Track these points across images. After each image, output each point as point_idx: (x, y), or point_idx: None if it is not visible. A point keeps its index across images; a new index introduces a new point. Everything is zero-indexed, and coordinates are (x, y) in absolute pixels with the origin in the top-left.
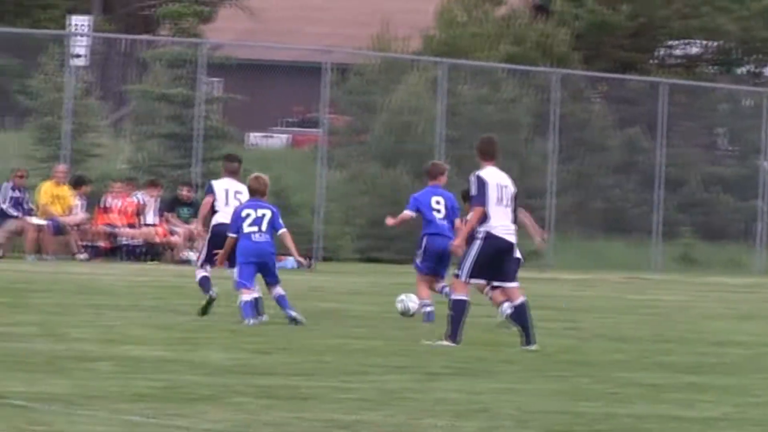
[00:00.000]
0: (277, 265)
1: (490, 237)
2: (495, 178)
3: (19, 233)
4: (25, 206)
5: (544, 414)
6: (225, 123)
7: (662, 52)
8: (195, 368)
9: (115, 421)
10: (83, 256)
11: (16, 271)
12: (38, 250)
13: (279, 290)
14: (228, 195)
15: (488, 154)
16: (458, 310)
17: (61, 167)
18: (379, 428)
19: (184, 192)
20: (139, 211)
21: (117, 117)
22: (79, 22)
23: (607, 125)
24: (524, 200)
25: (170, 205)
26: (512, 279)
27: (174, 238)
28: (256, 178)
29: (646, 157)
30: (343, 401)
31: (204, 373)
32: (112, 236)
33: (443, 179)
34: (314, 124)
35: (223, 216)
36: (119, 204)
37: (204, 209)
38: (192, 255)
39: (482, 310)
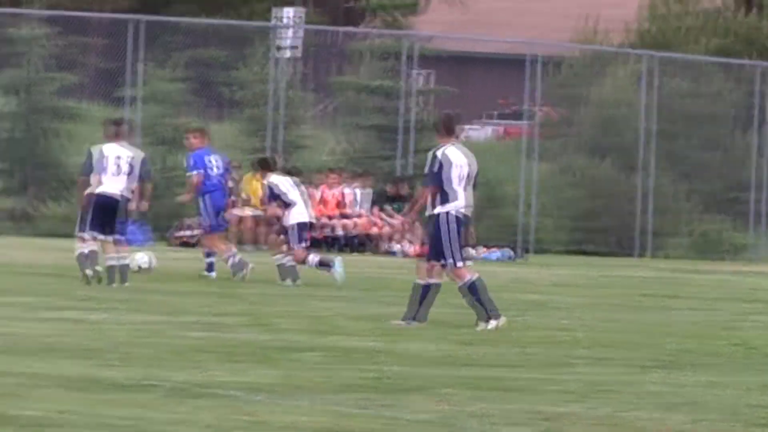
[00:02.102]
0: (482, 256)
1: (457, 217)
2: (459, 158)
3: (237, 224)
4: (234, 197)
5: (750, 408)
6: (433, 115)
7: None
8: (402, 359)
9: (323, 412)
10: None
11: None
12: (241, 240)
13: None
14: (109, 161)
15: (448, 130)
16: (477, 290)
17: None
18: (583, 420)
19: (388, 188)
20: (348, 202)
21: (326, 109)
22: (287, 14)
23: None
24: (728, 193)
25: (382, 199)
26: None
27: (383, 230)
28: None
29: None
30: (548, 393)
31: (411, 364)
32: (321, 227)
33: None
34: (521, 116)
35: (106, 185)
36: (328, 195)
37: (83, 182)
38: (396, 247)
39: (684, 303)
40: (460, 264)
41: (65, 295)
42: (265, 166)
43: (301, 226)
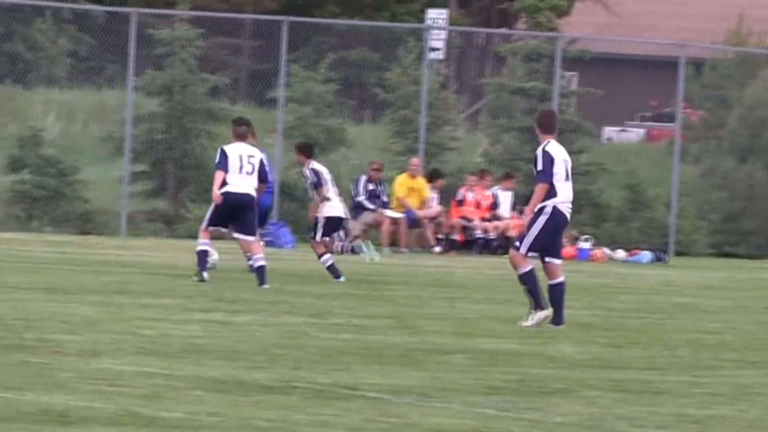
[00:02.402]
0: (632, 259)
1: (556, 212)
2: (561, 154)
3: (375, 226)
4: (381, 199)
5: None
6: (581, 117)
7: None
8: (547, 362)
9: (469, 414)
10: (438, 248)
11: (371, 264)
12: (393, 242)
13: None
14: (242, 160)
15: (549, 127)
16: (530, 280)
17: (416, 160)
18: (732, 423)
19: None
20: (494, 204)
21: (473, 110)
22: (436, 15)
23: None
24: None
25: (527, 200)
26: (560, 256)
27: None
28: None
29: None
30: (696, 396)
31: (556, 366)
32: (466, 229)
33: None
34: (669, 118)
35: (235, 184)
36: (474, 197)
37: (219, 179)
38: None
39: None
40: (523, 251)
41: (207, 296)
42: (306, 151)
43: (333, 221)
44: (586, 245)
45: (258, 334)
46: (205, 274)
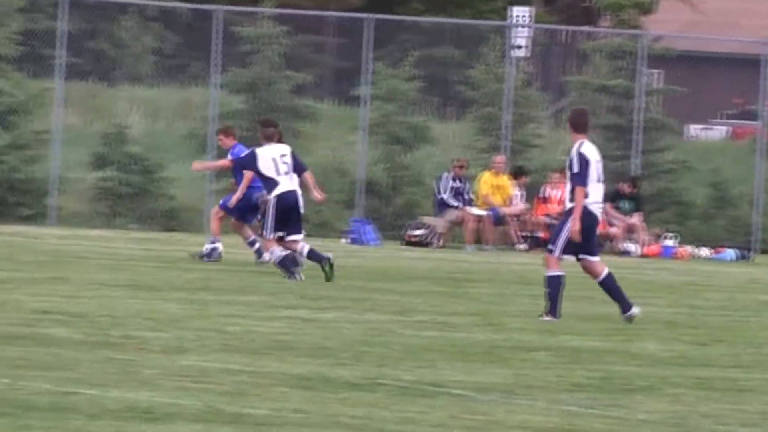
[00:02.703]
0: (716, 256)
1: (587, 213)
2: (594, 155)
3: (459, 223)
4: (465, 196)
5: None
6: (665, 115)
7: None
8: (631, 359)
9: (554, 411)
10: (522, 246)
11: (455, 261)
12: (478, 240)
13: None
14: (277, 162)
15: (582, 127)
16: (555, 285)
17: (500, 158)
18: None
19: (625, 187)
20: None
21: (557, 108)
22: (520, 13)
23: None
24: None
25: (612, 198)
26: (596, 253)
27: (612, 230)
28: None
29: None
30: None
31: (640, 364)
32: (551, 227)
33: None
34: (753, 116)
35: (285, 184)
36: (558, 195)
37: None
38: (631, 246)
39: None
40: (557, 255)
41: (292, 293)
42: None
43: None
44: (670, 243)
45: (343, 331)
46: (299, 276)
